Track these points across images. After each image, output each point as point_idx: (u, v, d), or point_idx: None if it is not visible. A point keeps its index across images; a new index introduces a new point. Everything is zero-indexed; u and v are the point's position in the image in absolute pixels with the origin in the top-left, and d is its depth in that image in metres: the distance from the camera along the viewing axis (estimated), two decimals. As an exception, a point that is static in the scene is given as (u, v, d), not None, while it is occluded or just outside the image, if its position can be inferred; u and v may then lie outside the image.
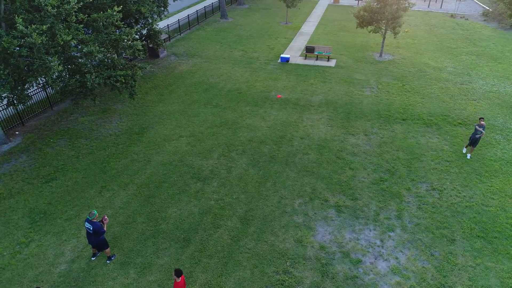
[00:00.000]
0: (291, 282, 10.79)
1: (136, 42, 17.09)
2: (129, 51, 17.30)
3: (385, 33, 27.09)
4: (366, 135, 18.14)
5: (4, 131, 17.62)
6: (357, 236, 12.35)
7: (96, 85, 15.75)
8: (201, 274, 11.01)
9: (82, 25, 15.31)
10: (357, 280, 10.86)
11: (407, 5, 26.04)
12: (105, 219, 10.96)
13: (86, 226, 10.70)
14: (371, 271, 11.13)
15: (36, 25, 13.20)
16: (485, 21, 39.05)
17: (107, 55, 16.57)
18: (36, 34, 13.02)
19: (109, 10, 15.87)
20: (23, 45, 13.51)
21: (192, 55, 28.95)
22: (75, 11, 15.59)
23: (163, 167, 15.78)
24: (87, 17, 15.78)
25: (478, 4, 47.44)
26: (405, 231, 12.52)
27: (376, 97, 22.06)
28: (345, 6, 46.93)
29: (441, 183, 14.80)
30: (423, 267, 11.25)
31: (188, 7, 44.28)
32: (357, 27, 27.99)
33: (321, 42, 32.33)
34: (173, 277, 9.99)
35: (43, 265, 11.31)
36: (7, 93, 14.52)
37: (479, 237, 12.31)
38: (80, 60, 15.57)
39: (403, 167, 15.79)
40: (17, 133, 18.34)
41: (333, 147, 17.11)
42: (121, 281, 10.81)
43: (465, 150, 16.77)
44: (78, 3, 14.91)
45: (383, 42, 27.89)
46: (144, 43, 24.66)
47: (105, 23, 15.92)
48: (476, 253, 11.72)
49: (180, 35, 33.84)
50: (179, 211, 13.38)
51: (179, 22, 33.58)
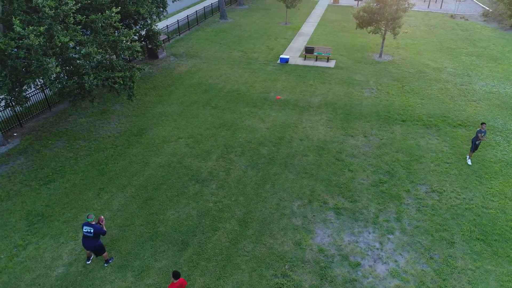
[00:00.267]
0: (289, 285, 10.73)
1: (134, 43, 17.02)
2: (128, 53, 17.23)
3: (385, 33, 27.03)
4: (365, 136, 18.07)
5: (2, 133, 17.55)
6: (356, 238, 12.29)
7: (94, 87, 15.68)
8: (199, 277, 10.95)
9: (80, 27, 15.21)
10: (356, 283, 10.80)
11: (407, 5, 25.97)
12: (102, 220, 10.90)
13: (85, 230, 10.58)
14: (370, 274, 11.06)
15: (33, 27, 13.14)
16: (485, 21, 38.98)
17: (106, 56, 16.50)
18: (33, 35, 12.96)
19: (107, 11, 15.81)
20: (20, 47, 13.44)
21: (191, 55, 28.88)
22: (73, 12, 15.52)
23: (161, 169, 15.72)
24: (85, 18, 15.71)
25: (478, 4, 47.38)
26: (405, 234, 12.46)
27: (375, 98, 22.00)
28: (344, 6, 46.87)
29: (440, 185, 14.73)
30: (423, 270, 11.18)
31: (187, 8, 44.21)
32: (356, 28, 27.93)
33: (320, 42, 32.26)
34: (171, 278, 10.00)
35: (40, 268, 11.25)
36: (5, 94, 14.45)
37: (478, 239, 12.25)
38: (78, 61, 15.50)
39: (403, 169, 15.72)
40: (15, 134, 18.27)
41: (332, 149, 17.05)
42: (118, 285, 10.74)
43: (469, 160, 16.13)
44: (76, 4, 14.84)
45: (383, 42, 27.82)
46: (143, 44, 24.64)
47: (103, 25, 15.85)
48: (475, 256, 11.66)
49: (179, 35, 33.78)
50: (177, 214, 13.31)
51: (178, 22, 33.51)
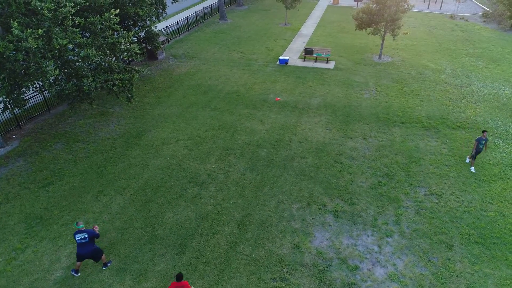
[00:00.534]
0: (288, 289, 10.72)
1: (133, 45, 17.00)
2: (127, 55, 17.22)
3: (384, 35, 27.01)
4: (364, 138, 18.06)
5: (1, 135, 17.55)
6: (355, 242, 12.28)
7: (93, 89, 15.67)
8: (198, 281, 10.94)
9: (78, 29, 15.20)
10: (354, 287, 10.79)
11: (406, 7, 25.96)
12: (96, 228, 10.86)
13: (78, 238, 10.45)
14: (369, 278, 11.05)
15: (32, 29, 13.12)
16: (484, 22, 38.96)
17: (104, 59, 16.49)
18: (31, 38, 12.95)
19: (106, 13, 15.79)
20: (19, 49, 13.43)
21: (190, 57, 28.87)
22: (72, 15, 15.51)
23: (160, 171, 15.71)
24: (84, 20, 15.69)
25: (477, 5, 47.34)
26: (403, 237, 12.45)
27: (375, 99, 21.99)
28: (344, 7, 46.85)
29: (439, 188, 14.72)
30: (421, 273, 11.18)
31: (187, 8, 44.19)
32: (356, 29, 27.92)
33: (320, 43, 32.24)
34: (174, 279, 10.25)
35: (39, 271, 11.24)
36: (3, 97, 14.45)
37: (477, 243, 12.24)
38: (77, 64, 15.49)
39: (402, 171, 15.72)
40: (14, 136, 18.26)
41: (331, 151, 17.04)
42: (117, 288, 10.74)
43: (473, 168, 15.87)
44: (74, 7, 14.83)
45: (382, 44, 27.80)
46: (142, 45, 24.64)
47: (102, 27, 15.84)
48: (474, 259, 11.65)
49: (179, 36, 33.76)
50: (176, 216, 13.31)
51: (178, 23, 33.50)
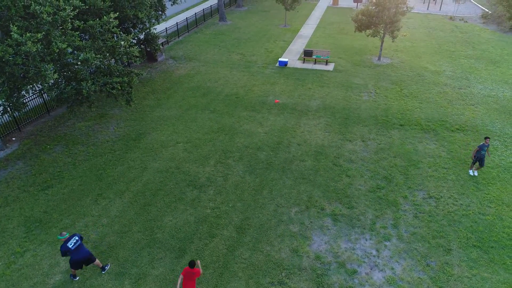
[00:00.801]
0: (286, 293, 10.76)
1: (132, 48, 17.03)
2: (126, 58, 17.25)
3: (383, 37, 27.04)
4: (363, 141, 18.09)
5: (0, 137, 17.58)
6: (353, 245, 12.32)
7: (92, 93, 15.70)
8: (197, 285, 10.96)
9: (77, 32, 15.22)
10: (352, 291, 10.83)
11: (406, 9, 25.98)
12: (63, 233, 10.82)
13: (70, 244, 10.37)
14: (367, 282, 11.09)
15: (31, 33, 13.15)
16: (484, 23, 38.98)
17: (103, 61, 16.51)
18: (31, 42, 12.98)
19: (105, 17, 15.82)
20: (18, 53, 13.46)
21: (190, 58, 28.90)
22: (71, 18, 15.54)
23: (159, 174, 15.74)
24: (83, 24, 15.72)
25: (477, 6, 47.36)
26: (401, 241, 12.48)
27: (374, 102, 22.01)
28: (344, 8, 46.87)
29: (438, 191, 14.76)
30: (419, 277, 11.21)
31: (186, 10, 44.21)
32: (355, 31, 27.94)
33: (319, 45, 32.27)
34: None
35: (38, 275, 11.28)
36: (3, 101, 14.48)
37: (475, 246, 12.27)
38: (76, 67, 15.51)
39: (400, 174, 15.75)
40: (14, 139, 18.30)
41: (330, 154, 17.07)
42: (115, 292, 10.77)
43: (475, 172, 15.76)
44: (73, 10, 14.85)
45: (381, 46, 27.82)
46: (142, 47, 24.68)
47: (101, 30, 15.86)
48: (472, 263, 11.69)
49: (178, 38, 33.79)
50: (175, 220, 13.34)
51: (177, 25, 33.53)
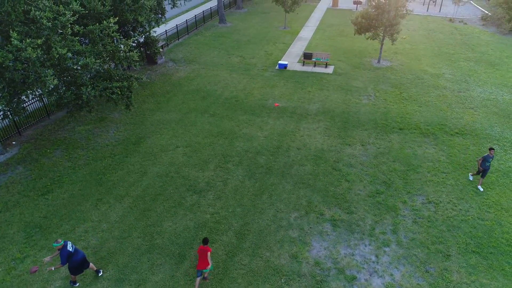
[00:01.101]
0: (285, 299, 10.79)
1: (132, 53, 17.05)
2: (126, 62, 17.27)
3: (383, 40, 27.06)
4: (362, 145, 18.12)
5: (0, 141, 17.61)
6: (352, 251, 12.35)
7: (92, 98, 15.73)
8: (196, 291, 11.00)
9: (77, 38, 15.25)
10: (351, 297, 10.86)
11: (405, 11, 26.01)
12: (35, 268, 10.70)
13: (70, 248, 10.31)
14: (366, 288, 11.13)
15: (31, 40, 13.17)
16: (483, 25, 39.01)
17: (103, 66, 16.54)
18: (31, 48, 13.00)
19: (105, 21, 15.84)
20: (18, 59, 13.49)
21: (190, 61, 28.93)
22: (71, 23, 15.57)
23: (159, 178, 15.77)
24: (83, 28, 15.75)
25: (477, 8, 47.40)
26: (401, 247, 12.51)
27: (373, 105, 22.05)
28: (344, 10, 46.90)
29: (437, 196, 14.79)
30: (418, 284, 11.24)
31: (186, 11, 44.23)
32: (355, 34, 27.97)
33: (319, 47, 32.30)
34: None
35: (38, 281, 11.30)
36: (3, 106, 14.51)
37: (474, 252, 12.31)
38: (76, 72, 15.54)
39: (399, 179, 15.78)
40: (14, 143, 18.32)
41: (330, 158, 17.10)
42: (115, 299, 10.80)
43: (479, 185, 15.32)
44: (73, 15, 14.88)
45: (381, 48, 27.85)
46: (142, 50, 24.70)
47: (101, 35, 15.89)
48: (471, 269, 11.72)
49: (178, 40, 33.82)
50: (175, 225, 13.37)
51: (177, 27, 33.55)
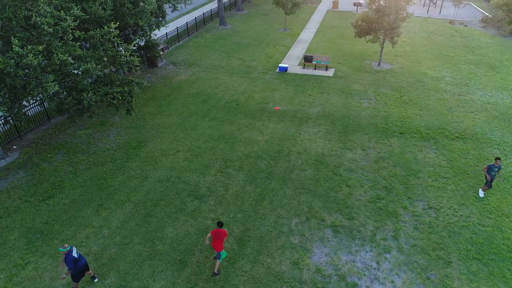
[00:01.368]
0: (286, 307, 10.80)
1: (132, 58, 17.06)
2: (126, 67, 17.29)
3: (383, 43, 27.08)
4: (363, 149, 18.13)
5: (1, 146, 17.61)
6: (353, 258, 12.36)
7: (93, 103, 15.74)
8: (197, 298, 11.02)
9: (78, 43, 15.27)
10: (352, 305, 10.88)
11: (405, 15, 26.03)
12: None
13: (75, 253, 10.40)
14: (367, 295, 11.14)
15: (32, 46, 13.19)
16: (484, 27, 39.03)
17: (104, 71, 16.55)
18: (32, 55, 13.01)
19: (106, 27, 15.85)
20: (19, 65, 13.50)
21: (190, 64, 28.94)
22: (72, 29, 15.58)
23: (160, 184, 15.78)
24: (84, 34, 15.76)
25: (477, 10, 47.41)
26: (402, 253, 12.53)
27: (374, 109, 22.06)
28: (344, 12, 46.91)
29: (438, 201, 14.80)
30: (419, 291, 11.26)
31: (187, 13, 44.22)
32: (355, 37, 27.98)
33: (319, 50, 32.31)
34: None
35: (39, 289, 11.32)
36: (4, 112, 14.52)
37: (475, 259, 12.32)
38: (77, 77, 15.55)
39: (400, 184, 15.79)
40: (15, 147, 18.33)
41: (330, 163, 17.11)
42: (117, 306, 10.81)
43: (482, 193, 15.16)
44: (74, 21, 14.88)
45: (381, 51, 27.86)
46: (142, 53, 24.71)
47: (101, 40, 15.90)
48: (472, 276, 11.73)
49: (178, 42, 33.83)
50: (176, 231, 13.38)
51: (177, 29, 33.56)
